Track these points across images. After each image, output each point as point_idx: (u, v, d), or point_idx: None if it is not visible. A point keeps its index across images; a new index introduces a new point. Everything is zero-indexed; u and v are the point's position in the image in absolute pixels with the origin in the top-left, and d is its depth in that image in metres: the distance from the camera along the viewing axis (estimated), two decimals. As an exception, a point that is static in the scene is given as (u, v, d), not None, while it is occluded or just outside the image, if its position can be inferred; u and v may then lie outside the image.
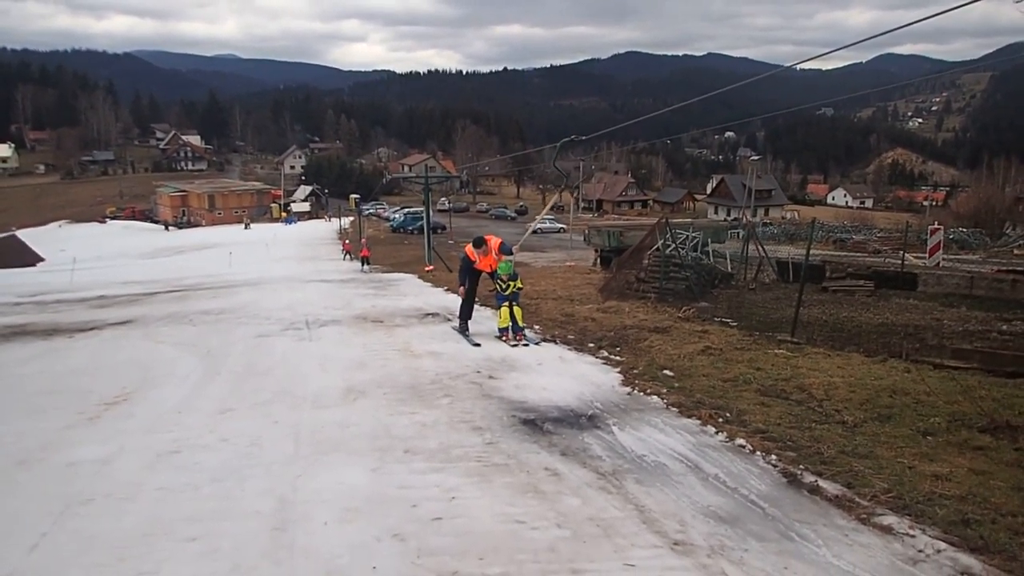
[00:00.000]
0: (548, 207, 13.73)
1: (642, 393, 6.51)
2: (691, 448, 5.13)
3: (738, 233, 27.62)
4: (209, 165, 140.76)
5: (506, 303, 9.10)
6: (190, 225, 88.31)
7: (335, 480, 4.58)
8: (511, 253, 9.39)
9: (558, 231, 64.70)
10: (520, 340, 8.94)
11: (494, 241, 9.61)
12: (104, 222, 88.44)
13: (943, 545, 3.62)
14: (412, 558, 3.60)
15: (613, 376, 7.20)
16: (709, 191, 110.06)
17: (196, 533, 3.88)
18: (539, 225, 67.97)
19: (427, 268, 20.01)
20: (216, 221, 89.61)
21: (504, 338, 9.03)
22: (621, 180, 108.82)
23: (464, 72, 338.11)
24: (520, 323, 9.11)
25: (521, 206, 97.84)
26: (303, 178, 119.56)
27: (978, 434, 5.27)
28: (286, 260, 38.57)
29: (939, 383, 6.54)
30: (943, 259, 22.85)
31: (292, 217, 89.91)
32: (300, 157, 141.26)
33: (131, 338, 10.18)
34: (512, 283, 9.18)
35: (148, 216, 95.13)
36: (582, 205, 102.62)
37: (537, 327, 10.04)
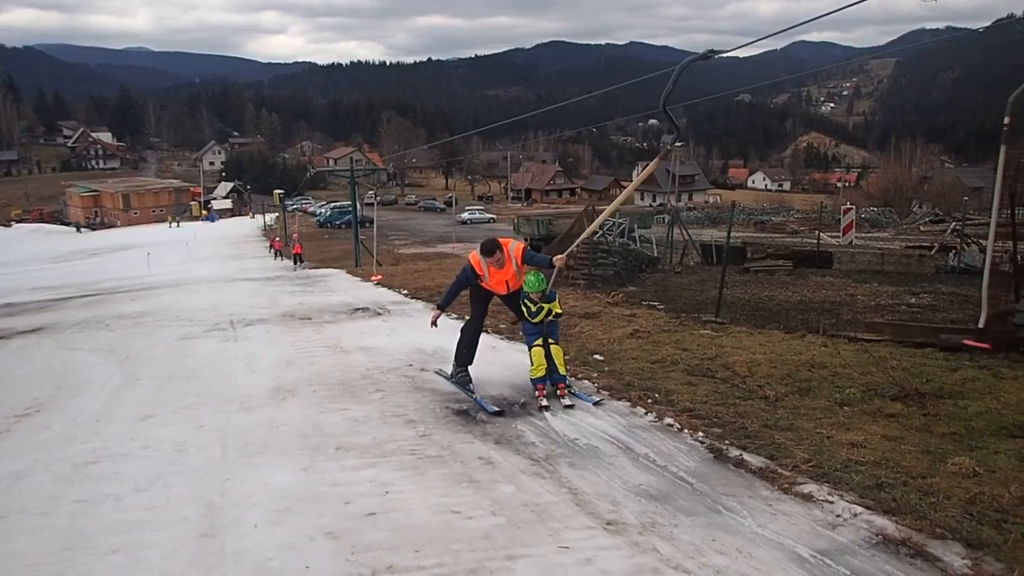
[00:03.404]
0: (643, 177, 11.57)
1: (573, 378, 6.58)
2: (622, 430, 5.23)
3: (663, 218, 28.23)
4: (122, 163, 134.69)
5: (539, 339, 6.07)
6: (104, 226, 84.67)
7: (265, 482, 4.47)
8: (551, 266, 6.15)
9: (487, 221, 65.11)
10: (563, 394, 5.97)
11: (513, 247, 6.25)
12: (10, 226, 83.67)
13: (859, 509, 3.79)
14: (346, 555, 3.55)
15: (545, 363, 7.23)
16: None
17: (119, 545, 3.74)
18: (469, 216, 68.27)
19: (374, 277, 17.22)
20: (132, 221, 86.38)
21: (539, 394, 5.95)
22: (549, 169, 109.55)
23: (388, 63, 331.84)
24: (561, 369, 6.03)
25: (450, 197, 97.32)
26: (223, 174, 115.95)
27: (890, 402, 5.53)
28: (209, 259, 37.45)
29: (853, 355, 6.84)
30: (856, 237, 23.93)
31: (213, 214, 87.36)
32: (220, 153, 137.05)
33: (43, 346, 9.71)
34: (547, 305, 6.09)
35: (58, 218, 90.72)
36: (511, 195, 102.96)
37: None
